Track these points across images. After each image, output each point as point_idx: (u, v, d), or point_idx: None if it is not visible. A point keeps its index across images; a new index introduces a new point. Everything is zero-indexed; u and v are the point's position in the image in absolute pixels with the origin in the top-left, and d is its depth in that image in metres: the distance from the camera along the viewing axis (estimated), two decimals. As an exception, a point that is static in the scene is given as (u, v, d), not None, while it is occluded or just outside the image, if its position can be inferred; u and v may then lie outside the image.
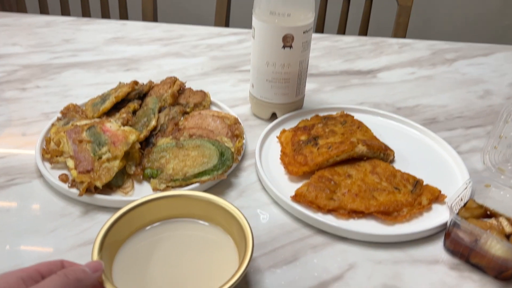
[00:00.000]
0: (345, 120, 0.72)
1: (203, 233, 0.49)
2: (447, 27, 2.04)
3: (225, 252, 0.47)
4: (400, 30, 1.27)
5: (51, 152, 0.61)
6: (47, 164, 0.61)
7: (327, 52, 1.04)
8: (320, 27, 1.37)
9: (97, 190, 0.56)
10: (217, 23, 1.34)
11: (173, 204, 0.50)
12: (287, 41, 0.66)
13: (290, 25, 0.65)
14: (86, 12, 1.43)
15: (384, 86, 0.90)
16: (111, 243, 0.45)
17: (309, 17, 0.66)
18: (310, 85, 0.88)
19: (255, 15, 0.67)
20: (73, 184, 0.56)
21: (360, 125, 0.70)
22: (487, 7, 1.99)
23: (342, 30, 1.37)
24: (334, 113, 0.77)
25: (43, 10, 1.43)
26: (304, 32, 0.67)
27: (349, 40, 1.10)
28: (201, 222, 0.50)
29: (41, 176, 0.60)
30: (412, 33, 1.90)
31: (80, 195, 0.54)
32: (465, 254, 0.50)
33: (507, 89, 0.91)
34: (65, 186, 0.56)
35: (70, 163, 0.58)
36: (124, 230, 0.47)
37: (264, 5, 0.65)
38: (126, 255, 0.46)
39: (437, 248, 0.53)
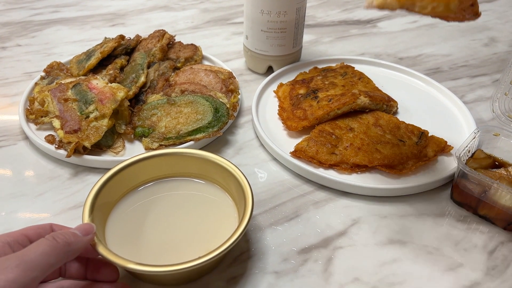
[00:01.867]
0: (346, 71, 0.68)
1: (200, 192, 0.47)
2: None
3: (224, 210, 0.44)
4: (400, -22, 1.21)
5: (35, 113, 0.58)
6: (32, 125, 0.58)
7: (324, 1, 0.98)
8: (315, -23, 1.30)
9: (86, 150, 0.53)
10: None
11: (167, 163, 0.47)
12: (282, -14, 0.61)
13: (285, -32, 0.60)
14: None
15: (385, 35, 0.86)
16: (102, 204, 0.42)
17: (306, -41, 0.61)
18: (307, 37, 0.83)
19: (247, -42, 0.62)
20: (60, 145, 0.53)
21: (361, 76, 0.66)
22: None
23: (338, -21, 1.30)
24: (333, 64, 0.73)
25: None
26: (300, -24, 0.62)
27: (347, -11, 1.04)
28: (197, 180, 0.47)
29: (26, 138, 0.57)
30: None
31: (68, 156, 0.51)
32: (473, 205, 0.48)
33: (512, 36, 0.87)
34: (52, 147, 0.53)
35: (56, 123, 0.55)
36: (116, 191, 0.44)
37: None
38: (119, 216, 0.44)
39: (444, 201, 0.51)
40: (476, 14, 0.43)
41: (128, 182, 0.46)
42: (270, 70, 0.72)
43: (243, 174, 0.43)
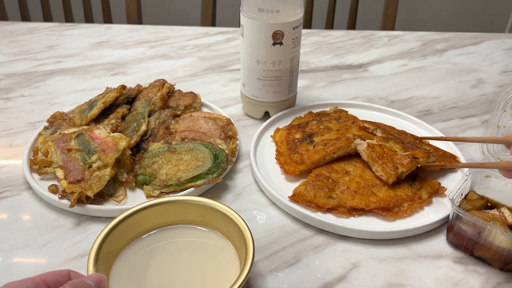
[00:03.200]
0: (339, 115, 0.71)
1: (202, 239, 0.48)
2: (435, 17, 2.04)
3: (226, 257, 0.45)
4: (389, 22, 1.26)
5: (39, 163, 0.59)
6: (36, 176, 0.59)
7: (317, 47, 1.02)
8: (308, 23, 1.36)
9: (88, 200, 0.54)
10: (203, 23, 1.32)
11: (169, 211, 0.48)
12: (277, 38, 0.65)
13: (279, 22, 0.63)
14: (69, 18, 1.41)
15: (376, 79, 0.89)
16: (107, 253, 0.43)
17: (298, 13, 0.65)
18: (301, 82, 0.86)
19: (243, 12, 0.65)
20: (64, 195, 0.54)
21: (355, 120, 0.69)
22: (472, -4, 1.99)
23: (330, 24, 1.36)
24: (327, 109, 0.75)
25: (25, 17, 1.40)
26: (293, 28, 0.65)
27: (338, 35, 1.09)
28: (199, 227, 0.48)
29: (30, 188, 0.58)
30: (400, 24, 1.90)
31: (71, 206, 0.53)
32: (469, 247, 0.49)
33: (499, 77, 0.90)
34: (55, 197, 0.55)
35: (60, 173, 0.56)
36: (119, 240, 0.45)
37: (252, 2, 0.63)
38: (123, 265, 0.44)
39: (440, 242, 0.52)
40: None
41: (131, 231, 0.47)
42: (267, 115, 0.74)
43: (244, 221, 0.45)
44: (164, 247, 0.47)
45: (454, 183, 0.58)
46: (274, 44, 0.65)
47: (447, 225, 0.52)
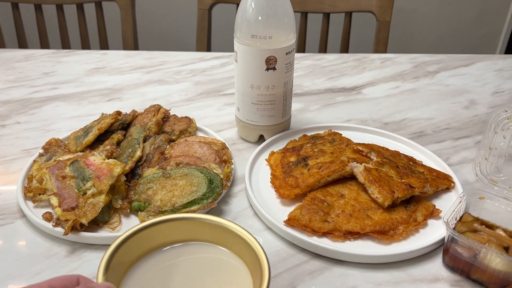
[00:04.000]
0: (333, 138, 0.71)
1: (216, 257, 0.46)
2: (426, 39, 2.08)
3: (240, 278, 0.44)
4: (381, 45, 1.28)
5: (33, 190, 0.59)
6: (30, 203, 0.59)
7: (310, 71, 1.04)
8: (301, 46, 1.38)
9: (83, 227, 0.54)
10: (198, 48, 1.34)
11: (182, 227, 0.47)
12: (270, 63, 0.66)
13: (272, 47, 0.64)
14: (65, 44, 1.42)
15: (370, 101, 0.90)
16: (117, 264, 0.42)
17: (290, 38, 0.66)
18: (295, 105, 0.87)
19: (236, 39, 0.66)
20: (58, 222, 0.54)
21: (349, 143, 0.69)
22: (463, 18, 2.03)
23: (323, 48, 1.38)
24: (321, 132, 0.76)
25: (22, 45, 1.42)
26: (286, 54, 0.66)
27: (331, 58, 1.10)
28: (214, 246, 0.47)
29: (23, 216, 0.58)
30: (392, 47, 1.93)
31: (65, 234, 0.52)
32: (465, 270, 0.49)
33: (490, 98, 0.92)
34: (49, 225, 0.54)
35: (54, 200, 0.56)
36: (132, 252, 0.44)
37: (245, 29, 0.64)
38: (135, 279, 0.43)
39: (437, 265, 0.51)
40: None
41: (144, 244, 0.45)
42: (261, 138, 0.75)
43: (259, 243, 0.43)
44: (179, 263, 0.46)
45: (448, 204, 0.58)
46: (267, 69, 0.66)
47: (443, 248, 0.52)
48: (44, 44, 1.42)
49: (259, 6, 0.63)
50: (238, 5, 0.66)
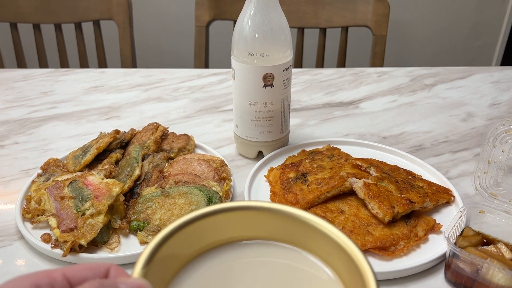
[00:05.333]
0: (332, 153, 0.71)
1: (294, 262, 0.37)
2: (422, 52, 2.10)
3: None
4: (377, 59, 1.29)
5: (32, 212, 0.59)
6: (28, 224, 0.58)
7: (308, 86, 1.04)
8: (298, 61, 1.39)
9: (81, 248, 0.53)
10: (196, 65, 1.35)
11: (251, 220, 0.37)
12: (267, 80, 0.66)
13: (269, 65, 0.65)
14: (64, 63, 1.43)
15: (367, 116, 0.90)
16: (165, 258, 0.33)
17: (287, 55, 0.67)
18: (294, 120, 0.87)
19: (233, 56, 0.67)
20: (56, 244, 0.54)
21: (347, 158, 0.69)
22: (459, 30, 2.05)
23: (320, 63, 1.39)
24: (320, 147, 0.76)
25: (21, 64, 1.43)
26: (283, 70, 0.67)
27: (329, 73, 1.11)
28: (289, 246, 0.37)
29: (22, 237, 0.58)
30: (389, 61, 1.94)
31: (64, 255, 0.52)
32: (468, 285, 0.49)
33: (488, 110, 0.92)
34: (47, 246, 0.54)
35: (53, 221, 0.56)
36: (188, 245, 0.35)
37: (242, 47, 0.65)
38: (188, 281, 0.34)
39: (439, 281, 0.51)
40: None
41: (202, 238, 0.36)
42: (260, 154, 0.75)
43: (360, 251, 0.33)
44: (245, 266, 0.36)
45: (449, 218, 0.58)
46: (265, 86, 0.66)
47: (445, 263, 0.51)
48: (43, 63, 1.42)
49: (256, 24, 0.64)
50: (235, 22, 0.66)
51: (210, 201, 0.58)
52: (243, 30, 0.64)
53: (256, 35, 0.64)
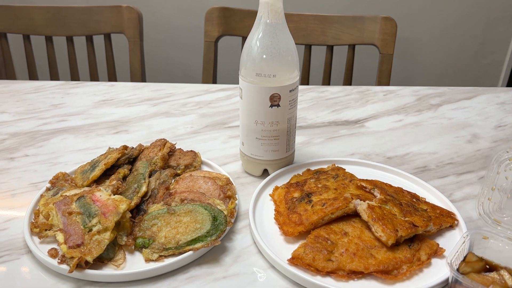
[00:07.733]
0: (337, 173, 0.72)
1: None
2: (429, 71, 2.10)
3: None
4: (384, 78, 1.30)
5: (40, 226, 0.60)
6: (36, 239, 0.59)
7: (314, 103, 1.05)
8: (305, 78, 1.40)
9: (88, 264, 0.54)
10: (204, 80, 1.36)
11: None
12: (274, 100, 0.67)
13: (276, 85, 0.66)
14: (75, 76, 1.46)
15: (373, 135, 0.91)
16: None
17: (294, 76, 0.68)
18: (299, 138, 0.88)
19: (241, 76, 0.68)
20: (63, 259, 0.55)
21: (352, 178, 0.70)
22: (466, 49, 2.06)
23: (327, 80, 1.40)
24: (325, 166, 0.77)
25: (32, 75, 1.45)
26: (290, 91, 0.68)
27: (335, 90, 1.12)
28: None
29: (29, 251, 0.59)
30: (395, 79, 1.95)
31: (70, 271, 0.53)
32: (471, 312, 0.49)
33: (493, 132, 0.92)
34: (54, 262, 0.55)
35: (60, 237, 0.57)
36: None
37: (250, 67, 0.66)
38: None
39: (441, 306, 0.51)
40: None
41: None
42: (265, 172, 0.75)
43: None
44: None
45: (452, 243, 0.59)
46: (271, 106, 0.67)
47: (447, 289, 0.51)
48: (54, 75, 1.45)
49: (264, 46, 0.65)
50: (243, 38, 0.68)
51: (215, 220, 0.59)
52: (251, 51, 0.66)
53: (264, 56, 0.65)
